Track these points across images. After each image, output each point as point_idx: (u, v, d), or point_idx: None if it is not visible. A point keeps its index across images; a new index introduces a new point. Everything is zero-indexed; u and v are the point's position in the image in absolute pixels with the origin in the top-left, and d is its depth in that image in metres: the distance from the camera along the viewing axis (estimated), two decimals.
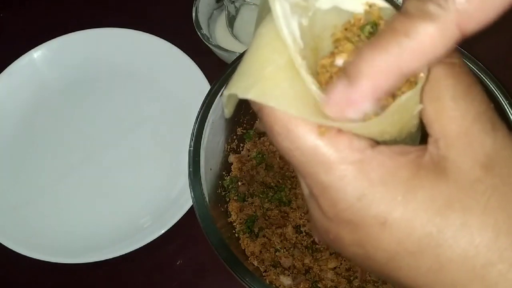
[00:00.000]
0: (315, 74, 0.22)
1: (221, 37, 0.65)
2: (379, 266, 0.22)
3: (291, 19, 0.21)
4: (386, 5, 0.22)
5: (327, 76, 0.22)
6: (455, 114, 0.21)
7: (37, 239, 0.56)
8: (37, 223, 0.58)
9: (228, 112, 0.24)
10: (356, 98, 0.20)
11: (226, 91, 0.22)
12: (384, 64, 0.19)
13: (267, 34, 0.22)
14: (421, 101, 0.22)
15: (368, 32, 0.22)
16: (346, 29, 0.22)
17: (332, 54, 0.22)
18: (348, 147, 0.21)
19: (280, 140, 0.22)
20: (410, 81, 0.21)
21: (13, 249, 0.55)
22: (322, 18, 0.22)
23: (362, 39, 0.22)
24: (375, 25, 0.22)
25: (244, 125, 0.55)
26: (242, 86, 0.22)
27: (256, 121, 0.56)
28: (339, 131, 0.21)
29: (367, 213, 0.21)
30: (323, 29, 0.23)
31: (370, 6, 0.22)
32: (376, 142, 0.22)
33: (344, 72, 0.21)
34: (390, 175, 0.21)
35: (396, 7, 0.23)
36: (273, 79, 0.21)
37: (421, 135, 0.24)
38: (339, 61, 0.22)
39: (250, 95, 0.21)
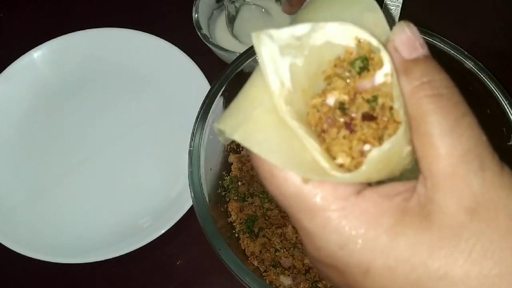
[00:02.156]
0: (305, 116, 0.22)
1: (221, 37, 0.65)
2: None
3: (281, 61, 0.21)
4: (373, 40, 0.22)
5: (317, 116, 0.22)
6: (441, 152, 0.20)
7: (37, 239, 0.56)
8: (37, 223, 0.58)
9: (224, 140, 0.24)
10: None
11: (217, 125, 0.23)
12: None
13: (261, 74, 0.22)
14: (410, 139, 0.22)
15: (359, 67, 0.22)
16: (335, 65, 0.22)
17: (324, 93, 0.22)
18: (331, 195, 0.21)
19: (266, 184, 0.22)
20: (393, 121, 0.21)
21: (13, 249, 0.55)
22: (318, 54, 0.22)
23: (353, 74, 0.22)
24: (365, 59, 0.22)
25: None
26: (230, 124, 0.22)
27: None
28: None
29: (350, 262, 0.21)
30: (319, 66, 0.22)
31: (359, 41, 0.22)
32: (364, 185, 0.22)
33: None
34: (373, 223, 0.21)
35: (391, 24, 0.23)
36: (259, 123, 0.21)
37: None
38: (330, 99, 0.22)
39: (235, 137, 0.21)
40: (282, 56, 0.21)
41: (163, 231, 0.54)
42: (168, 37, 0.65)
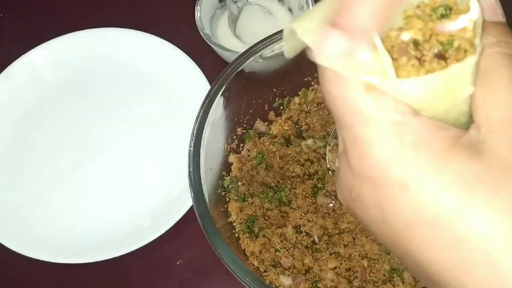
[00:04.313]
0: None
1: (223, 36, 0.65)
2: (392, 233, 0.22)
3: None
4: None
5: (389, 45, 0.22)
6: (504, 102, 0.21)
7: (37, 239, 0.56)
8: (37, 223, 0.58)
9: (287, 51, 0.24)
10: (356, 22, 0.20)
11: (291, 24, 0.23)
12: None
13: None
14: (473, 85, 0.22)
15: (440, 14, 0.22)
16: (418, 7, 0.22)
17: (400, 29, 0.22)
18: (391, 107, 0.21)
19: (328, 86, 0.22)
20: (464, 49, 0.21)
21: (13, 249, 0.55)
22: None
23: (433, 19, 0.22)
24: (449, 8, 0.22)
25: (244, 125, 0.55)
26: (304, 27, 0.22)
27: (256, 121, 0.56)
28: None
29: (391, 174, 0.21)
30: (401, 5, 0.22)
31: None
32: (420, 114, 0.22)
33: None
34: (425, 143, 0.21)
35: None
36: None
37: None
38: (406, 36, 0.22)
39: (307, 39, 0.21)
40: None
41: (163, 231, 0.54)
42: (168, 37, 0.65)
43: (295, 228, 0.51)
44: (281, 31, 0.47)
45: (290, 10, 0.64)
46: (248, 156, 0.55)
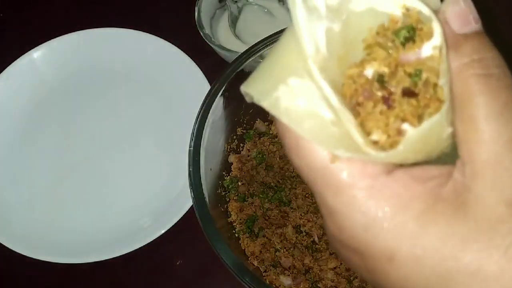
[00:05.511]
0: (340, 86, 0.20)
1: (223, 36, 0.65)
2: None
3: (317, 25, 0.20)
4: (425, 9, 0.20)
5: (352, 88, 0.20)
6: (486, 137, 0.19)
7: (37, 239, 0.56)
8: (37, 223, 0.58)
9: (249, 100, 0.22)
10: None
11: (244, 88, 0.21)
12: None
13: (294, 37, 0.20)
14: (452, 121, 0.20)
15: (404, 37, 0.20)
16: (377, 34, 0.20)
17: (362, 63, 0.20)
18: (360, 172, 0.20)
19: (290, 154, 0.21)
20: (436, 99, 0.20)
21: (13, 249, 0.55)
22: (357, 21, 0.20)
23: (396, 45, 0.20)
24: (412, 29, 0.20)
25: (244, 125, 0.55)
26: (258, 89, 0.20)
27: (256, 121, 0.56)
28: None
29: (373, 246, 0.20)
30: (358, 33, 0.20)
31: (408, 9, 0.20)
32: (395, 165, 0.20)
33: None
34: (402, 206, 0.19)
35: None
36: (290, 91, 0.20)
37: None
38: (369, 70, 0.20)
39: (264, 104, 0.20)
40: (318, 19, 0.20)
41: (163, 231, 0.54)
42: (168, 37, 0.65)
43: (295, 228, 0.51)
44: (281, 31, 0.47)
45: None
46: (248, 156, 0.55)
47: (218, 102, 0.46)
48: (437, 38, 0.20)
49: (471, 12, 0.21)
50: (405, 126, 0.19)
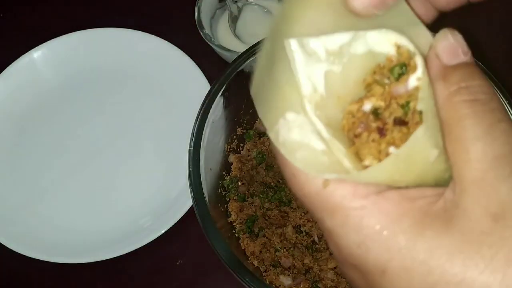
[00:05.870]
0: (339, 121, 0.22)
1: (223, 37, 0.65)
2: None
3: (316, 67, 0.22)
4: (411, 46, 0.22)
5: (351, 122, 0.22)
6: (471, 157, 0.20)
7: (37, 239, 0.56)
8: (37, 223, 0.58)
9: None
10: None
11: (258, 109, 0.23)
12: None
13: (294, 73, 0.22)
14: (437, 143, 0.21)
15: (398, 73, 0.22)
16: (375, 73, 0.22)
17: (361, 99, 0.22)
18: (351, 193, 0.21)
19: (289, 184, 0.23)
20: (419, 111, 0.21)
21: (13, 249, 0.55)
22: (359, 63, 0.22)
23: (392, 81, 0.22)
24: (404, 65, 0.22)
25: (244, 125, 0.55)
26: (269, 120, 0.22)
27: (256, 121, 0.56)
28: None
29: (367, 261, 0.21)
30: (360, 74, 0.23)
31: (399, 47, 0.22)
32: (388, 187, 0.21)
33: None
34: (391, 222, 0.20)
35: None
36: (287, 125, 0.22)
37: None
38: (367, 105, 0.22)
39: (269, 135, 0.22)
40: (317, 62, 0.22)
41: (163, 231, 0.54)
42: (168, 37, 0.65)
43: (295, 228, 0.51)
44: None
45: None
46: (248, 156, 0.55)
47: (218, 102, 0.46)
48: (419, 69, 0.22)
49: (460, 46, 0.22)
50: (391, 150, 0.21)
